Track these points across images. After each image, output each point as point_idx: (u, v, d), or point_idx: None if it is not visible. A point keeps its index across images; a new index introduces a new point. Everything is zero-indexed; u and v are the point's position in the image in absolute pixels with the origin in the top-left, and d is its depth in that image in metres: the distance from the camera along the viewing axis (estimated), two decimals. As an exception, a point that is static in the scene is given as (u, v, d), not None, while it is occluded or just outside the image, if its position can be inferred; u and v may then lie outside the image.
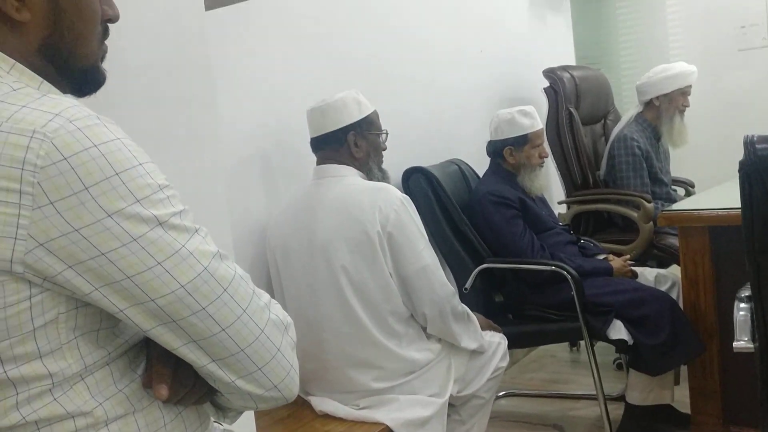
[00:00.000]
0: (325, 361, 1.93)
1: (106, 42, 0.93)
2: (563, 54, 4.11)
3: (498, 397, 3.04)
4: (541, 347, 3.62)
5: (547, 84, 3.44)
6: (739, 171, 1.54)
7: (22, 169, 0.73)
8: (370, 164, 2.08)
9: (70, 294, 0.78)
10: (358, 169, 2.06)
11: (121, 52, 1.26)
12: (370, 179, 2.08)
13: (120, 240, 0.77)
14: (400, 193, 1.97)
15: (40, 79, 0.85)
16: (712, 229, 2.37)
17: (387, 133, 2.15)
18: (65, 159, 0.74)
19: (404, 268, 1.92)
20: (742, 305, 1.71)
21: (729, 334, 1.72)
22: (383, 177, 2.10)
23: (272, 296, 0.92)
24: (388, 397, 1.90)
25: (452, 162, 2.94)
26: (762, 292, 1.57)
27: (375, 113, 2.11)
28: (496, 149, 2.76)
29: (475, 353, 2.11)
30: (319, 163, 2.10)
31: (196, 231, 0.83)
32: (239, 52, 2.16)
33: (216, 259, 0.83)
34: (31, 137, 0.74)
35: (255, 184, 2.23)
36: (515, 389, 3.14)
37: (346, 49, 2.59)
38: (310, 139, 2.12)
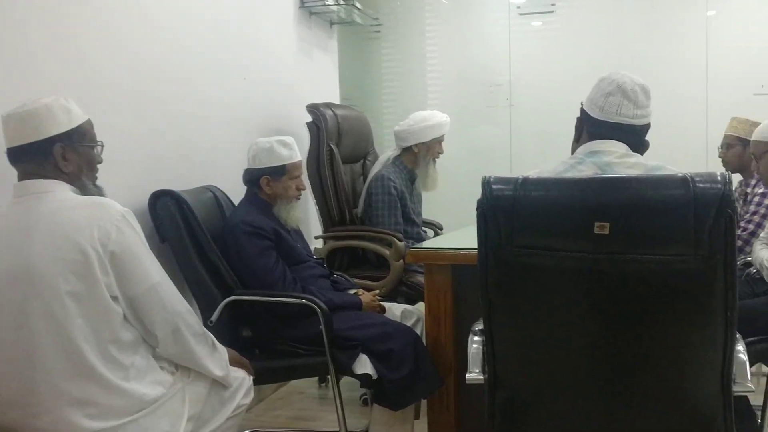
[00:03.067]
0: (35, 406, 1.66)
1: None
2: (328, 92, 4.17)
3: (242, 436, 2.92)
4: (290, 384, 3.56)
5: (310, 119, 3.45)
6: (477, 209, 1.61)
7: None
8: (83, 179, 1.84)
9: None
10: (69, 183, 1.81)
11: None
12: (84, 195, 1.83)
13: None
14: (120, 206, 1.77)
15: None
16: (455, 267, 2.48)
17: (102, 146, 1.92)
18: None
19: (132, 289, 1.74)
20: (476, 338, 1.78)
21: (465, 367, 1.77)
22: (98, 193, 1.88)
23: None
24: (111, 440, 1.70)
25: (207, 188, 2.81)
26: (492, 326, 1.65)
27: (89, 123, 1.87)
28: (252, 178, 2.69)
29: (215, 388, 1.98)
30: (20, 178, 1.81)
31: None
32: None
33: None
34: None
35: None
36: (260, 428, 3.04)
37: (92, 63, 2.38)
38: (6, 150, 1.81)
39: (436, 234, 3.87)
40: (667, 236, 1.46)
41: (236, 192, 2.82)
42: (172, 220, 2.49)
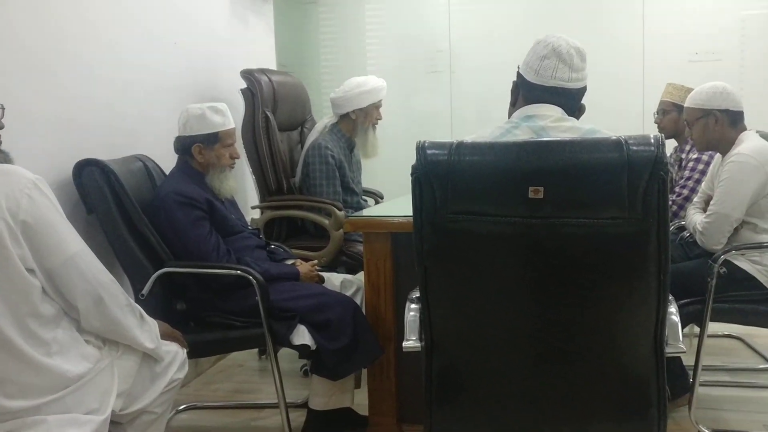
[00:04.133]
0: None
1: None
2: (263, 58, 4.06)
3: (178, 411, 2.86)
4: (230, 357, 3.50)
5: (244, 85, 3.35)
6: (412, 175, 1.57)
7: None
8: None
9: None
10: None
11: None
12: None
13: None
14: (31, 174, 1.66)
15: None
16: (394, 235, 2.45)
17: (3, 108, 1.78)
18: None
19: (49, 260, 1.64)
20: (413, 306, 1.75)
21: (404, 336, 1.75)
22: (5, 159, 1.77)
23: None
24: (33, 420, 1.61)
25: (137, 158, 2.70)
26: (428, 294, 1.62)
27: None
28: (184, 146, 2.59)
29: (147, 363, 1.91)
30: None
31: None
32: None
33: None
34: None
35: None
36: (198, 402, 2.98)
37: (11, 25, 2.24)
38: None
39: (377, 203, 3.83)
40: (600, 200, 1.45)
41: (168, 161, 2.72)
42: (99, 191, 2.38)
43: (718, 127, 2.69)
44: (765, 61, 3.98)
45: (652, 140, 1.44)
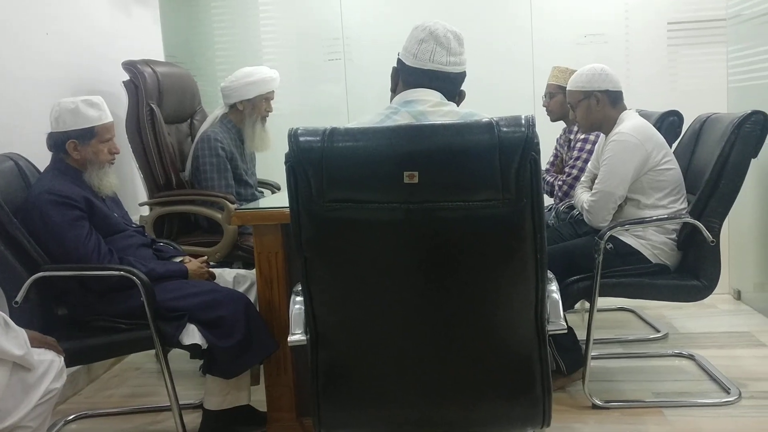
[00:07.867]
0: None
1: None
2: (150, 49, 3.91)
3: (67, 422, 2.73)
4: (126, 360, 3.37)
5: (127, 77, 3.21)
6: (285, 163, 1.54)
7: None
8: None
9: None
10: None
11: None
12: None
13: None
14: None
15: None
16: (285, 227, 2.40)
17: None
18: None
19: None
20: (298, 299, 1.71)
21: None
22: None
23: None
24: None
25: (8, 157, 2.53)
26: (310, 285, 1.59)
27: None
28: (57, 143, 2.45)
29: (17, 375, 1.80)
30: None
31: None
32: None
33: None
34: None
35: None
36: (90, 410, 2.84)
37: None
38: None
39: (274, 194, 3.76)
40: (474, 182, 1.44)
41: (45, 160, 2.56)
42: (-38, 193, 2.23)
43: (599, 107, 2.76)
44: (648, 44, 4.11)
45: (523, 121, 1.44)
